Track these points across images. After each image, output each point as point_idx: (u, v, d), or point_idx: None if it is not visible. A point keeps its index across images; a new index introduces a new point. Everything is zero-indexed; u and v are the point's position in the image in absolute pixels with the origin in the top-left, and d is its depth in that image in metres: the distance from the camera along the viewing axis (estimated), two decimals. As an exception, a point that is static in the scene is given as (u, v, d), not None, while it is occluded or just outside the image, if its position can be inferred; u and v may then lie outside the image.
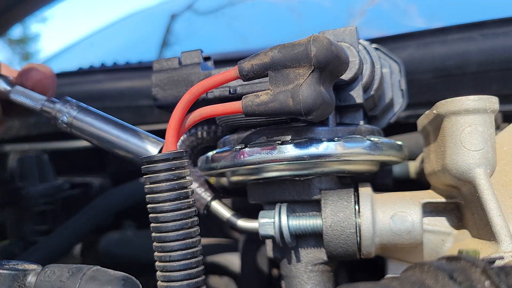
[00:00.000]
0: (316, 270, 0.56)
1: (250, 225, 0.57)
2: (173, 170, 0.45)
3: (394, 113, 0.64)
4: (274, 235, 0.53)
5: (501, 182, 0.46)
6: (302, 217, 0.54)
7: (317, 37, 0.44)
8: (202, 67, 0.59)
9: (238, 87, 0.55)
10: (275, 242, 0.55)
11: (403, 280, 0.33)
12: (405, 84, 0.64)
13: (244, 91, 0.55)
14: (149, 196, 0.45)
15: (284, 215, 0.53)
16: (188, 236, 0.45)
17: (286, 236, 0.53)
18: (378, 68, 0.57)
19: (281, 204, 0.55)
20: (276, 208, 0.54)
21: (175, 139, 0.48)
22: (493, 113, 0.46)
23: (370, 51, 0.56)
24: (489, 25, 0.77)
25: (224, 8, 1.81)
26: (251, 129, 0.55)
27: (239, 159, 0.51)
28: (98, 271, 0.43)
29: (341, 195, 0.53)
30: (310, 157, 0.49)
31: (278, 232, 0.53)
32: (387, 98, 0.62)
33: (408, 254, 0.54)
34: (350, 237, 0.51)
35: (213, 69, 0.59)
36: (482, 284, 0.31)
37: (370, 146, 0.51)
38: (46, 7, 1.27)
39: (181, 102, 0.48)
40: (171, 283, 0.43)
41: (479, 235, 0.46)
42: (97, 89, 0.96)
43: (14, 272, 0.44)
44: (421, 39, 0.79)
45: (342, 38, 0.53)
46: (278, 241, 0.54)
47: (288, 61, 0.45)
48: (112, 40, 1.88)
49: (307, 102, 0.44)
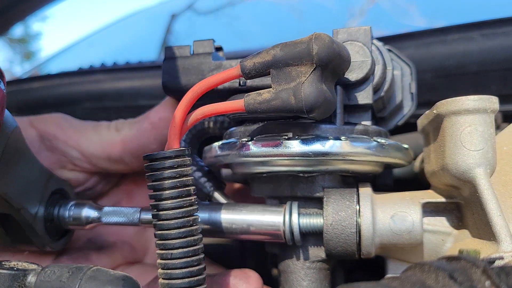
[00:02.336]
0: (314, 267, 0.56)
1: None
2: (175, 168, 0.45)
3: (402, 116, 0.64)
4: (284, 233, 0.53)
5: (501, 182, 0.46)
6: (306, 215, 0.54)
7: (319, 35, 0.44)
8: (214, 57, 0.59)
9: (248, 80, 0.55)
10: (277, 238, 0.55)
11: (404, 280, 0.33)
12: (415, 87, 0.64)
13: (253, 84, 0.55)
14: (151, 194, 0.46)
15: (295, 213, 0.53)
16: (189, 233, 0.45)
17: (296, 235, 0.53)
18: (390, 69, 0.57)
19: (292, 202, 0.54)
20: (286, 206, 0.54)
21: (177, 137, 0.48)
22: (493, 113, 0.46)
23: (383, 52, 0.56)
24: (489, 25, 0.76)
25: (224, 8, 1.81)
26: (259, 122, 0.55)
27: (245, 152, 0.51)
28: (98, 271, 0.43)
29: (343, 194, 0.53)
30: (315, 154, 0.49)
31: (289, 230, 0.53)
32: (397, 100, 0.62)
33: (408, 254, 0.54)
34: (350, 237, 0.51)
35: (224, 59, 0.59)
36: (482, 284, 0.31)
37: (376, 147, 0.51)
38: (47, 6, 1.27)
39: (184, 100, 0.48)
40: (172, 280, 0.44)
41: (479, 235, 0.46)
42: (97, 89, 0.96)
43: (14, 272, 0.44)
44: (421, 39, 0.79)
45: (356, 38, 0.53)
46: (288, 239, 0.53)
47: (290, 59, 0.45)
48: (112, 40, 1.88)
49: (309, 100, 0.44)
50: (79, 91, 0.96)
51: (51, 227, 0.59)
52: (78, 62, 1.47)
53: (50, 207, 0.59)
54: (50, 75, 1.05)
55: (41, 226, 0.57)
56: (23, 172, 0.55)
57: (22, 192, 0.54)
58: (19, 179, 0.54)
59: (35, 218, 0.56)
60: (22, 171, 0.55)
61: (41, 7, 1.27)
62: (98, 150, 0.64)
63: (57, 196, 0.61)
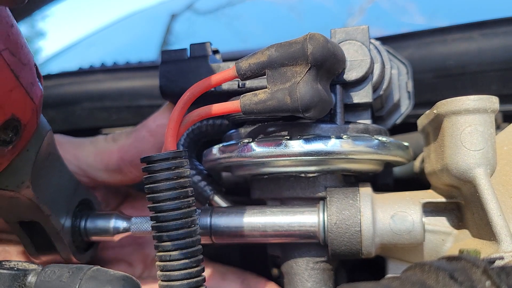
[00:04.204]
0: (318, 268, 0.56)
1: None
2: (172, 169, 0.45)
3: (400, 115, 0.64)
4: (318, 235, 0.53)
5: (501, 182, 0.46)
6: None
7: (313, 35, 0.45)
8: (211, 60, 0.59)
9: (247, 81, 0.55)
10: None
11: (404, 280, 0.33)
12: (412, 86, 0.64)
13: (253, 85, 0.55)
14: (149, 196, 0.46)
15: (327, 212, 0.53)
16: (188, 235, 0.45)
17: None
18: (388, 68, 0.57)
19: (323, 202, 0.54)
20: (320, 205, 0.54)
21: (174, 139, 0.48)
22: (493, 113, 0.46)
23: (381, 51, 0.56)
24: (489, 25, 0.76)
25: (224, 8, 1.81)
26: (258, 123, 0.55)
27: (246, 153, 0.51)
28: (98, 271, 0.43)
29: (346, 193, 0.53)
30: (317, 153, 0.49)
31: (322, 230, 0.53)
32: (394, 99, 0.62)
33: (408, 254, 0.54)
34: (355, 235, 0.51)
35: (221, 62, 0.59)
36: (483, 284, 0.31)
37: (378, 145, 0.51)
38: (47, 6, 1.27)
39: (180, 102, 0.48)
40: (171, 282, 0.44)
41: (479, 235, 0.46)
42: (97, 89, 0.96)
43: (14, 272, 0.44)
44: (421, 39, 0.79)
45: (354, 37, 0.53)
46: (322, 240, 0.53)
47: (285, 59, 0.45)
48: (112, 40, 1.88)
49: (304, 99, 0.44)
50: (79, 91, 0.96)
51: (78, 238, 0.58)
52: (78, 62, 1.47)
53: (77, 217, 0.58)
54: (50, 75, 1.04)
55: (68, 235, 0.56)
56: (54, 178, 0.54)
57: (52, 198, 0.53)
58: (50, 185, 0.53)
59: (63, 227, 0.55)
60: (54, 177, 0.54)
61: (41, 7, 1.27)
62: (95, 161, 0.63)
63: (83, 207, 0.60)
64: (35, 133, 0.48)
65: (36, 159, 0.48)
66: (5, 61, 0.39)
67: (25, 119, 0.43)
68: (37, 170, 0.49)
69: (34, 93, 0.44)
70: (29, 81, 0.43)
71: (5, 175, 0.46)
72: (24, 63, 0.42)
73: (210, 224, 0.55)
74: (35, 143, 0.48)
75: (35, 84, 0.45)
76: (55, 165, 0.54)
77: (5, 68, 0.39)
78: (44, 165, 0.51)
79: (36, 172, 0.49)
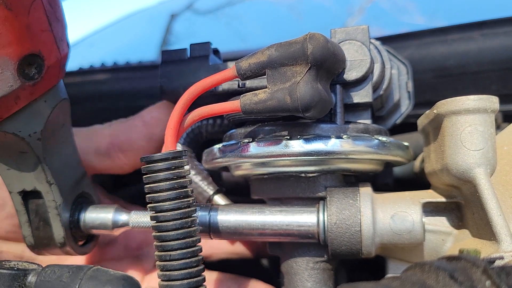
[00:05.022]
0: (318, 268, 0.56)
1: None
2: (172, 169, 0.45)
3: (400, 115, 0.64)
4: (318, 235, 0.53)
5: (501, 182, 0.46)
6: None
7: (313, 34, 0.45)
8: (211, 60, 0.59)
9: (247, 81, 0.55)
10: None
11: (404, 280, 0.33)
12: (412, 86, 0.64)
13: (253, 85, 0.55)
14: (149, 196, 0.46)
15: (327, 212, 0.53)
16: (188, 235, 0.45)
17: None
18: (388, 68, 0.57)
19: (325, 200, 0.54)
20: (319, 205, 0.54)
21: (174, 139, 0.48)
22: (493, 113, 0.46)
23: (381, 51, 0.56)
24: (489, 25, 0.76)
25: (224, 8, 1.81)
26: (258, 123, 0.55)
27: (246, 153, 0.51)
28: (99, 271, 0.43)
29: (346, 193, 0.53)
30: (318, 153, 0.49)
31: (323, 230, 0.53)
32: (394, 99, 0.62)
33: (408, 254, 0.54)
34: (355, 235, 0.51)
35: (221, 62, 0.59)
36: (483, 284, 0.31)
37: (378, 145, 0.51)
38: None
39: (180, 102, 0.49)
40: (171, 282, 0.44)
41: (479, 234, 0.46)
42: (97, 89, 0.96)
43: (14, 271, 0.44)
44: (421, 39, 0.79)
45: (354, 37, 0.53)
46: (322, 240, 0.53)
47: (285, 59, 0.45)
48: (112, 40, 1.88)
49: (304, 99, 0.44)
50: (79, 91, 0.95)
51: (75, 228, 0.58)
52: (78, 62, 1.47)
53: (76, 207, 0.57)
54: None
55: (66, 220, 0.55)
56: (64, 150, 0.55)
57: (58, 168, 0.54)
58: (59, 154, 0.54)
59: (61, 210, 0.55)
60: (63, 149, 0.55)
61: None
62: (86, 142, 0.63)
63: (84, 200, 0.60)
64: (54, 88, 0.50)
65: (50, 115, 0.50)
66: (43, 5, 0.44)
67: (49, 62, 0.46)
68: (50, 129, 0.51)
69: (62, 47, 0.48)
70: (59, 35, 0.47)
71: (20, 118, 0.47)
72: (58, 19, 0.47)
73: (209, 221, 0.55)
74: (53, 98, 0.50)
75: (64, 40, 0.49)
76: (67, 139, 0.55)
77: (42, 10, 0.44)
78: (57, 130, 0.52)
79: (49, 130, 0.50)
